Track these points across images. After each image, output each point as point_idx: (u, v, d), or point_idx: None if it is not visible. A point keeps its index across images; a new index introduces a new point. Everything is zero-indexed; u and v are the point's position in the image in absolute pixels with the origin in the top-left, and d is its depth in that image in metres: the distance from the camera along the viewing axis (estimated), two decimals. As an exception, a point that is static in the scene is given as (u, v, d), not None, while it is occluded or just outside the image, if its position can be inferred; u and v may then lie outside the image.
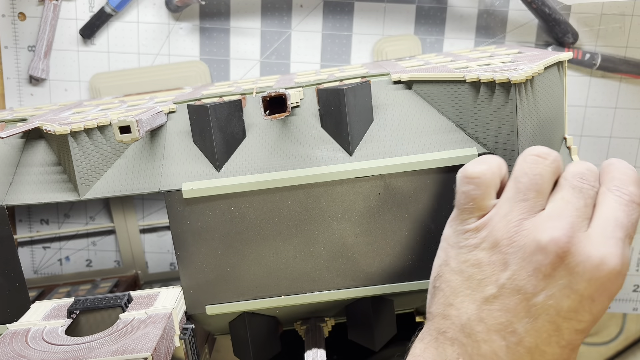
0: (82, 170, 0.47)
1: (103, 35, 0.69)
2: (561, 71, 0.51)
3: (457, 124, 0.46)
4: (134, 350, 0.39)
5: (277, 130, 0.48)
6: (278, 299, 0.48)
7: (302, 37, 0.69)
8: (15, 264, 0.49)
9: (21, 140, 0.50)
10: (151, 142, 0.49)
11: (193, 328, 0.47)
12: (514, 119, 0.43)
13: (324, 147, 0.47)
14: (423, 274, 0.47)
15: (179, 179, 0.47)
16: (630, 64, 0.66)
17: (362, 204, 0.46)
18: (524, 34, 0.68)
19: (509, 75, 0.42)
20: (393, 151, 0.46)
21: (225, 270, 0.48)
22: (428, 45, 0.69)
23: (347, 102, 0.45)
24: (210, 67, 0.70)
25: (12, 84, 0.70)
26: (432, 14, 0.68)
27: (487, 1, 0.67)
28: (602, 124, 0.69)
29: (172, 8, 0.68)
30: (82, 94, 0.71)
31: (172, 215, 0.47)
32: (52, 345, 0.41)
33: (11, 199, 0.48)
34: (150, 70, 0.70)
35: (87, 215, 0.73)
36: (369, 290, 0.48)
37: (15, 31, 0.69)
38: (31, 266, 0.74)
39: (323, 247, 0.47)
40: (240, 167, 0.47)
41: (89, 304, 0.47)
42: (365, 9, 0.68)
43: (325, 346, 0.50)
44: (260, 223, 0.47)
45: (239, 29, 0.69)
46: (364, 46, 0.69)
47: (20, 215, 0.73)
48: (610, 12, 0.66)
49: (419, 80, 0.48)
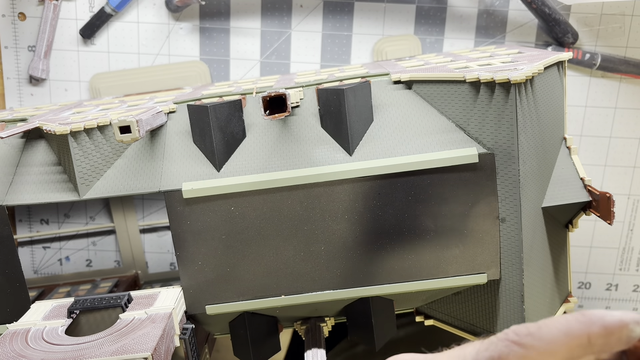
0: (82, 170, 0.47)
1: (103, 35, 0.69)
2: (561, 71, 0.51)
3: (457, 124, 0.46)
4: (134, 350, 0.39)
5: (277, 130, 0.48)
6: (278, 299, 0.48)
7: (302, 37, 0.69)
8: (15, 264, 0.49)
9: (21, 140, 0.50)
10: (151, 142, 0.49)
11: (193, 328, 0.47)
12: (514, 119, 0.43)
13: (324, 147, 0.47)
14: (423, 274, 0.47)
15: (179, 179, 0.47)
16: (630, 64, 0.66)
17: (362, 204, 0.46)
18: (524, 34, 0.68)
19: (509, 75, 0.42)
20: (393, 151, 0.46)
21: (225, 270, 0.48)
22: (428, 45, 0.69)
23: (347, 102, 0.45)
24: (210, 67, 0.70)
25: (12, 84, 0.70)
26: (432, 14, 0.68)
27: (487, 1, 0.67)
28: (602, 124, 0.69)
29: (172, 8, 0.68)
30: (82, 94, 0.70)
31: (172, 215, 0.47)
32: (52, 345, 0.41)
33: (11, 199, 0.48)
34: (150, 70, 0.70)
35: (87, 215, 0.73)
36: (369, 290, 0.48)
37: (15, 31, 0.69)
38: (31, 266, 0.74)
39: (323, 247, 0.47)
40: (240, 167, 0.47)
41: (89, 304, 0.47)
42: (365, 9, 0.68)
43: (325, 346, 0.50)
44: (260, 223, 0.47)
45: (239, 29, 0.69)
46: (364, 46, 0.69)
47: (20, 215, 0.73)
48: (610, 12, 0.66)
49: (419, 80, 0.48)
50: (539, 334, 0.25)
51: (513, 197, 0.45)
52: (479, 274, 0.47)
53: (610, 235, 0.71)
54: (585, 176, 0.49)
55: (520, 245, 0.46)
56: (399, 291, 0.48)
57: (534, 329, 0.25)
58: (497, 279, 0.47)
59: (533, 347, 0.24)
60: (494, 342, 0.26)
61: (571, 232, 0.51)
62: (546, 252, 0.50)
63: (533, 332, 0.25)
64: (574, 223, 0.50)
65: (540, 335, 0.25)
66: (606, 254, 0.72)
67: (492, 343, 0.26)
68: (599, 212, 0.47)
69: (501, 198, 0.46)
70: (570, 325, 0.25)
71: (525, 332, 0.25)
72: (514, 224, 0.46)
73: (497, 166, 0.45)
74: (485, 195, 0.46)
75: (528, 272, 0.47)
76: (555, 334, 0.25)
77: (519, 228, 0.46)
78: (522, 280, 0.46)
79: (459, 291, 0.50)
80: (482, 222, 0.46)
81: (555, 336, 0.24)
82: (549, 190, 0.49)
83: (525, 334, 0.25)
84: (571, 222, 0.50)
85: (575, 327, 0.24)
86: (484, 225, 0.46)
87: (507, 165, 0.45)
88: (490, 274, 0.47)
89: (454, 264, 0.47)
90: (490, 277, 0.47)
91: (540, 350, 0.24)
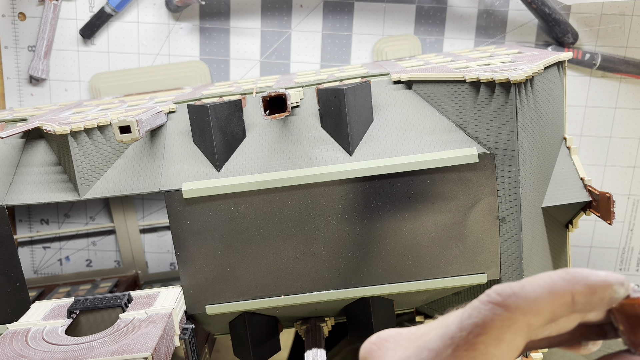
0: (82, 170, 0.47)
1: (103, 35, 0.69)
2: (561, 71, 0.51)
3: (457, 124, 0.46)
4: (134, 350, 0.39)
5: (277, 130, 0.48)
6: (278, 299, 0.48)
7: (302, 37, 0.69)
8: (15, 264, 0.49)
9: (21, 140, 0.50)
10: (151, 142, 0.49)
11: (193, 328, 0.47)
12: (514, 119, 0.43)
13: (324, 147, 0.47)
14: (423, 274, 0.47)
15: (179, 178, 0.47)
16: (630, 64, 0.66)
17: (362, 204, 0.46)
18: (524, 34, 0.68)
19: (509, 75, 0.42)
20: (393, 151, 0.46)
21: (225, 270, 0.47)
22: (428, 45, 0.69)
23: (347, 102, 0.45)
24: (210, 67, 0.70)
25: (12, 84, 0.70)
26: (432, 14, 0.68)
27: (487, 1, 0.67)
28: (602, 124, 0.69)
29: (172, 8, 0.68)
30: (82, 94, 0.70)
31: (172, 215, 0.47)
32: (52, 345, 0.41)
33: (11, 199, 0.48)
34: (150, 70, 0.70)
35: (87, 215, 0.73)
36: (369, 290, 0.48)
37: (15, 31, 0.69)
38: (31, 266, 0.74)
39: (323, 247, 0.47)
40: (240, 167, 0.47)
41: (89, 304, 0.47)
42: (365, 9, 0.68)
43: (325, 346, 0.50)
44: (260, 223, 0.47)
45: (239, 29, 0.69)
46: (364, 46, 0.69)
47: (20, 215, 0.73)
48: (610, 12, 0.66)
49: (419, 80, 0.48)
50: (522, 293, 0.24)
51: (513, 197, 0.45)
52: (479, 274, 0.47)
53: (610, 235, 0.71)
54: (585, 176, 0.49)
55: (520, 245, 0.46)
56: (399, 291, 0.48)
57: (517, 288, 0.24)
58: (497, 279, 0.47)
59: (517, 308, 0.23)
60: (476, 306, 0.24)
61: (571, 232, 0.51)
62: (546, 252, 0.50)
63: (517, 291, 0.24)
64: (574, 223, 0.50)
65: (524, 295, 0.24)
66: (606, 254, 0.72)
67: (475, 308, 0.24)
68: (599, 212, 0.47)
69: (501, 198, 0.46)
70: (555, 283, 0.24)
71: (509, 292, 0.24)
72: (514, 224, 0.46)
73: (497, 166, 0.45)
74: (485, 195, 0.46)
75: (528, 272, 0.47)
76: (539, 293, 0.24)
77: (519, 228, 0.46)
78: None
79: (459, 291, 0.50)
80: (482, 222, 0.46)
81: (539, 295, 0.23)
82: (549, 190, 0.49)
83: (508, 294, 0.24)
84: (571, 222, 0.50)
85: (559, 285, 0.24)
86: (484, 225, 0.46)
87: (507, 165, 0.45)
88: (490, 274, 0.47)
89: (454, 264, 0.47)
90: (490, 277, 0.47)
91: (524, 311, 0.23)
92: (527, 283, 0.24)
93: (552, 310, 0.24)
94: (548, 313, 0.24)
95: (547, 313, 0.24)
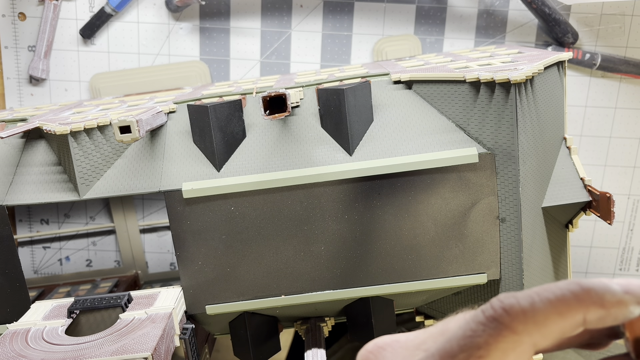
0: (82, 170, 0.47)
1: (103, 35, 0.69)
2: (561, 71, 0.51)
3: (457, 124, 0.46)
4: (134, 350, 0.39)
5: (277, 130, 0.48)
6: (278, 299, 0.48)
7: (302, 37, 0.69)
8: (15, 264, 0.49)
9: (21, 140, 0.50)
10: (151, 142, 0.49)
11: (193, 328, 0.47)
12: (514, 119, 0.43)
13: (324, 147, 0.47)
14: (423, 274, 0.47)
15: (179, 178, 0.47)
16: (630, 64, 0.66)
17: (363, 204, 0.46)
18: (524, 34, 0.68)
19: (509, 75, 0.42)
20: (393, 151, 0.46)
21: (225, 270, 0.47)
22: (428, 45, 0.69)
23: (347, 102, 0.45)
24: (210, 67, 0.70)
25: (12, 84, 0.70)
26: (432, 14, 0.68)
27: (487, 1, 0.67)
28: (602, 124, 0.69)
29: (172, 8, 0.68)
30: (82, 94, 0.70)
31: (172, 215, 0.47)
32: (52, 345, 0.41)
33: (11, 199, 0.48)
34: (150, 70, 0.70)
35: (87, 215, 0.73)
36: (369, 290, 0.48)
37: (15, 31, 0.69)
38: (31, 266, 0.74)
39: (323, 247, 0.47)
40: (240, 167, 0.47)
41: (89, 304, 0.47)
42: (365, 9, 0.68)
43: (325, 346, 0.50)
44: (260, 223, 0.47)
45: (239, 29, 0.69)
46: (364, 46, 0.69)
47: (20, 215, 0.73)
48: (610, 12, 0.66)
49: (419, 80, 0.48)
50: (531, 313, 0.22)
51: (513, 197, 0.45)
52: (479, 274, 0.47)
53: (610, 235, 0.71)
54: (585, 176, 0.49)
55: (520, 245, 0.46)
56: (399, 291, 0.48)
57: (526, 306, 0.22)
58: (497, 279, 0.47)
59: (525, 331, 0.22)
60: (481, 321, 0.23)
61: (571, 232, 0.51)
62: (546, 252, 0.50)
63: (526, 310, 0.22)
64: (574, 223, 0.50)
65: (533, 316, 0.22)
66: (606, 254, 0.72)
67: (479, 323, 0.23)
68: (599, 212, 0.47)
69: (501, 198, 0.46)
70: (567, 302, 0.22)
71: (517, 311, 0.22)
72: (514, 224, 0.46)
73: (497, 166, 0.45)
74: (485, 195, 0.46)
75: (528, 272, 0.47)
76: (549, 314, 0.22)
77: (519, 228, 0.46)
78: (522, 280, 0.46)
79: (459, 291, 0.50)
80: (482, 222, 0.46)
81: (549, 316, 0.22)
82: (549, 190, 0.49)
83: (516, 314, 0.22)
84: (571, 222, 0.50)
85: (572, 305, 0.22)
86: (484, 225, 0.46)
87: (507, 165, 0.45)
88: (490, 274, 0.47)
89: (454, 264, 0.47)
90: (490, 277, 0.47)
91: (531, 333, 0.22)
92: (537, 299, 0.23)
93: (562, 331, 0.22)
94: (557, 333, 0.22)
95: (556, 333, 0.22)
